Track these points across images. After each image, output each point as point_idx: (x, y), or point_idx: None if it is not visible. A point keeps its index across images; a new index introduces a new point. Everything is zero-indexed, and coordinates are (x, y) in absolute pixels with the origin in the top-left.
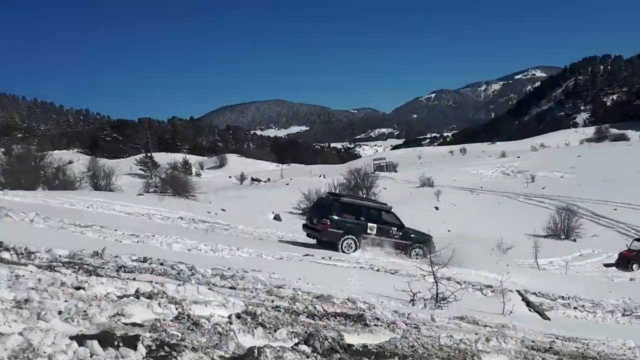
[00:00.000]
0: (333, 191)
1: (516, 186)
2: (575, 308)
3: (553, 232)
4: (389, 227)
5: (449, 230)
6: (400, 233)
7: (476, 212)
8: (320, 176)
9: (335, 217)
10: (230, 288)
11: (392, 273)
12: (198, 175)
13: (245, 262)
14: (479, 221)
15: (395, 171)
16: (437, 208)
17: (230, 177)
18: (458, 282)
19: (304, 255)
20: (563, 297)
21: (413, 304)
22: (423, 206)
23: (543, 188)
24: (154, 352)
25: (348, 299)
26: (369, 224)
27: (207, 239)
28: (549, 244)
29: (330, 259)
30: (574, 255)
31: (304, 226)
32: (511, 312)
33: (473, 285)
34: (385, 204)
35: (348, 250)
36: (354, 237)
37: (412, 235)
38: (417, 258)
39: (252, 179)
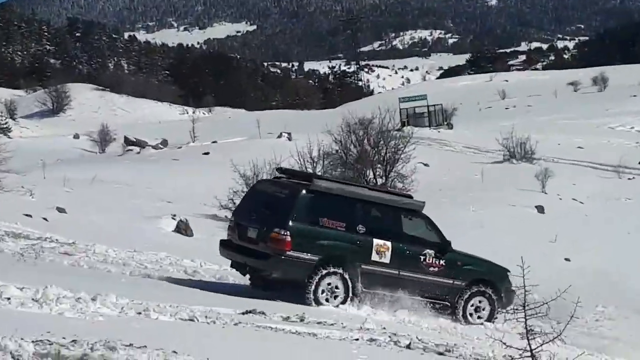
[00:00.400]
0: (297, 168)
1: None
2: None
3: None
4: (418, 249)
5: (567, 259)
6: (443, 262)
7: (628, 217)
8: (281, 136)
9: (301, 226)
10: None
11: (440, 354)
12: (5, 131)
13: (111, 328)
14: (636, 238)
15: (449, 125)
16: (540, 209)
17: (77, 136)
18: None
19: (241, 313)
20: None
21: None
22: (509, 205)
23: None
24: None
25: None
26: (375, 242)
27: (24, 276)
28: None
29: (302, 320)
30: None
31: (224, 245)
32: None
33: None
34: (411, 197)
35: (329, 299)
36: (342, 271)
37: (468, 268)
38: (479, 319)
39: (128, 142)
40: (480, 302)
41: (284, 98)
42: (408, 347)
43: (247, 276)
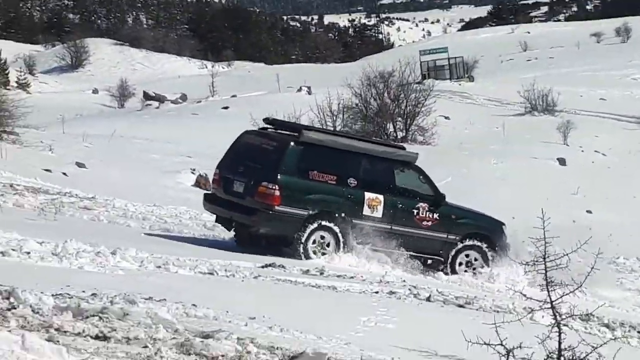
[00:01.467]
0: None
1: None
2: None
3: None
4: (411, 203)
5: (588, 212)
6: (437, 216)
7: None
8: (300, 90)
9: (291, 179)
10: (96, 338)
11: (460, 306)
12: (24, 87)
13: (131, 281)
14: None
15: (470, 78)
16: (562, 161)
17: (96, 91)
18: (607, 326)
19: (261, 267)
20: None
21: None
22: (531, 157)
23: None
24: None
25: None
26: (367, 195)
27: (43, 230)
28: None
29: (322, 274)
30: None
31: (209, 199)
32: None
33: None
34: (404, 149)
35: (318, 253)
36: (332, 226)
37: (462, 222)
38: (468, 271)
39: (147, 97)
40: (471, 255)
41: (304, 52)
42: (428, 299)
43: (233, 231)
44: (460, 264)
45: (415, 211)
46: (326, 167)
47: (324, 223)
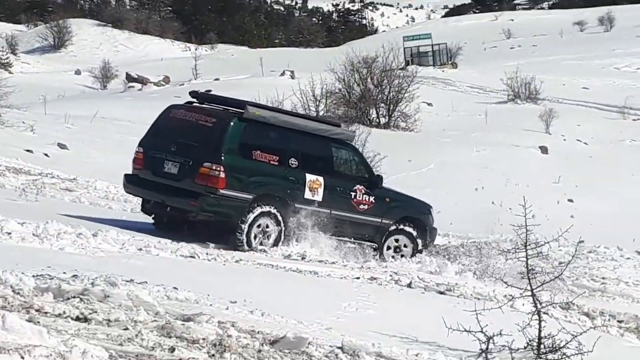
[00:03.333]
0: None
1: None
2: None
3: None
4: (349, 185)
5: (570, 200)
6: (372, 199)
7: (632, 158)
8: (283, 74)
9: (235, 160)
10: (77, 319)
11: (440, 293)
12: (6, 67)
13: (112, 263)
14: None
15: (453, 65)
16: (544, 150)
17: (78, 72)
18: (587, 314)
19: (243, 251)
20: None
21: None
22: (513, 145)
23: None
24: None
25: (341, 347)
26: (308, 177)
27: (24, 211)
28: None
29: (303, 259)
30: None
31: (132, 182)
32: None
33: (620, 322)
34: (339, 126)
35: (262, 241)
36: (275, 211)
37: (396, 205)
38: (396, 257)
39: (130, 79)
40: (401, 240)
41: (287, 36)
42: (409, 286)
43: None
44: (389, 248)
45: (353, 194)
46: (268, 147)
47: (267, 208)
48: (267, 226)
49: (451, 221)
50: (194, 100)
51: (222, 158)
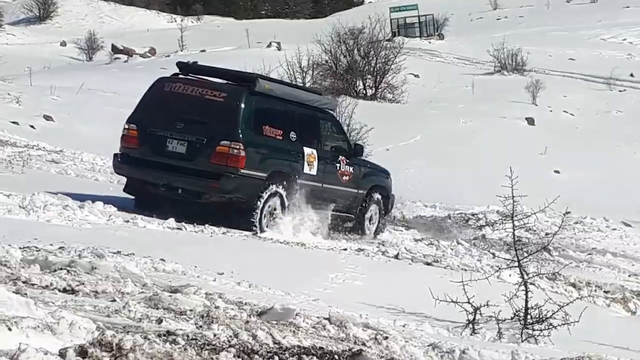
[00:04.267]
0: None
1: None
2: None
3: None
4: (334, 156)
5: (556, 172)
6: (351, 170)
7: (618, 130)
8: (270, 46)
9: (250, 136)
10: (64, 291)
11: (427, 264)
12: None
13: (99, 235)
14: (625, 151)
15: (440, 36)
16: (530, 121)
17: (64, 44)
18: (573, 285)
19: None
20: None
21: (474, 331)
22: (499, 117)
23: None
24: None
25: (329, 318)
26: (306, 151)
27: (11, 183)
28: None
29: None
30: None
31: (127, 162)
32: None
33: (607, 292)
34: (320, 94)
35: (271, 223)
36: (281, 190)
37: (368, 174)
38: (371, 228)
39: (115, 50)
40: (373, 210)
41: (274, 7)
42: (396, 257)
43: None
44: (370, 219)
45: (338, 165)
46: (274, 121)
47: (277, 187)
48: (276, 206)
49: (438, 192)
50: (182, 70)
51: (241, 135)
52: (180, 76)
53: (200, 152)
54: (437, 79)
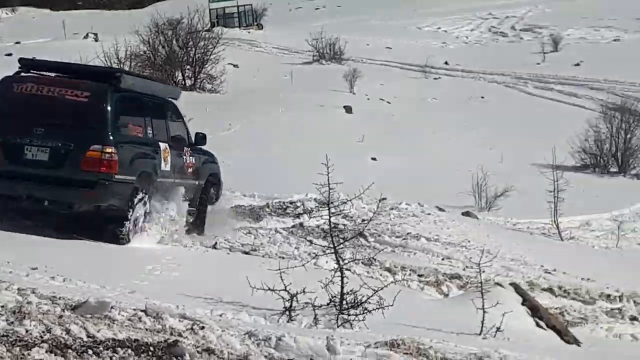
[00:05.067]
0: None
1: (520, 60)
2: (633, 319)
3: (593, 161)
4: (180, 148)
5: (373, 159)
6: (193, 160)
7: (434, 116)
8: (87, 37)
9: (118, 136)
10: None
11: (245, 253)
12: None
13: None
14: (440, 137)
15: (259, 26)
16: (348, 109)
17: None
18: (388, 270)
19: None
20: (609, 296)
21: (290, 318)
22: (318, 105)
23: (577, 64)
24: None
25: (145, 310)
26: (162, 146)
27: None
28: (583, 185)
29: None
30: (635, 209)
31: None
32: (499, 329)
33: (421, 276)
34: (167, 83)
35: (137, 232)
36: (145, 193)
37: (205, 163)
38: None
39: None
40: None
41: None
42: (214, 247)
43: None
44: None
45: (184, 157)
46: (135, 118)
47: (143, 190)
48: (142, 211)
49: (257, 182)
50: (26, 67)
51: (111, 138)
52: (30, 74)
53: (67, 158)
54: (257, 69)
